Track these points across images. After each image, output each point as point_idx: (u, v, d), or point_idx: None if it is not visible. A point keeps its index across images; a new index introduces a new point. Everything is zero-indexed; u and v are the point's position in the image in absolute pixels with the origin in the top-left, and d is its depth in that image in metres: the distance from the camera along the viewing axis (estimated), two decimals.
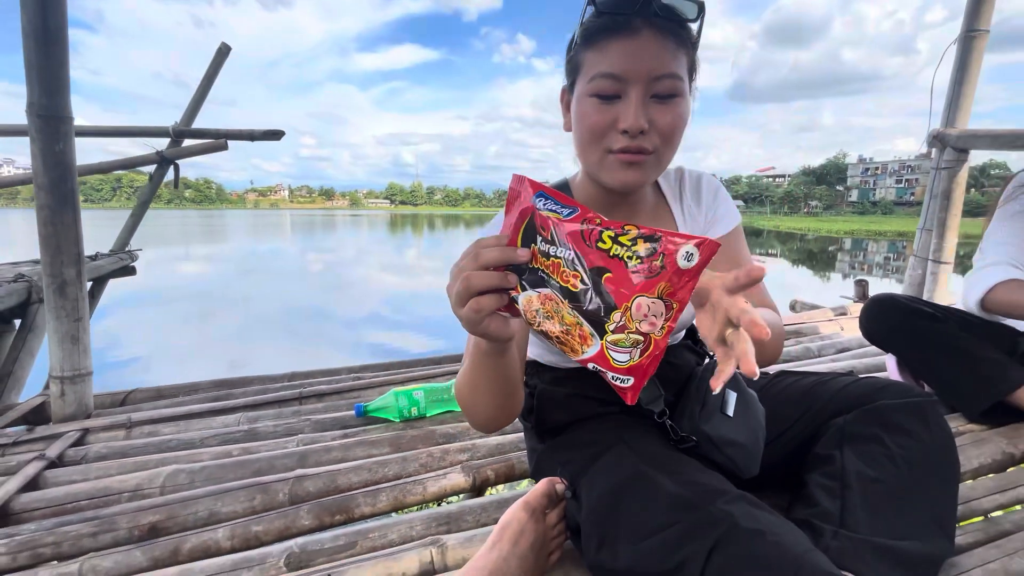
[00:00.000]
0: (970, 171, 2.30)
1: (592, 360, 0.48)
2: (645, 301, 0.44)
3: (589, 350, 0.48)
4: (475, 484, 1.08)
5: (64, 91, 1.33)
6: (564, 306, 0.47)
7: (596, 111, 0.66)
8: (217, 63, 3.30)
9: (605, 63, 0.64)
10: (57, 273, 1.37)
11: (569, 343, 0.49)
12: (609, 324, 0.46)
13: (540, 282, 0.48)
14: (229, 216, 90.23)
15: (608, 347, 0.47)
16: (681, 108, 0.66)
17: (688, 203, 0.83)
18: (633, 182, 0.68)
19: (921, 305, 1.27)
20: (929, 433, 0.72)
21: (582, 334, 0.48)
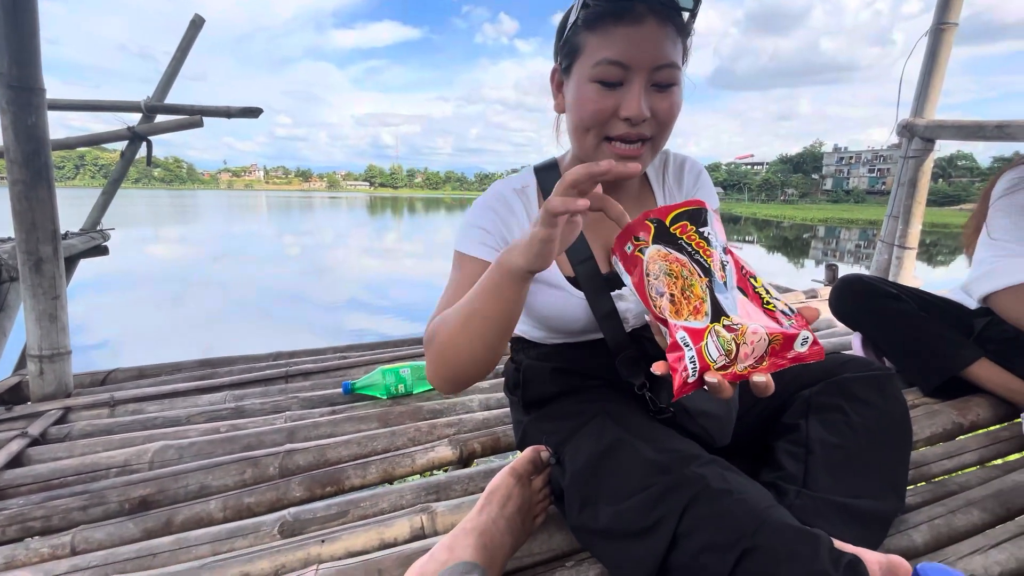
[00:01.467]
0: (938, 161, 2.39)
1: (687, 330, 0.49)
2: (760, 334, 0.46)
3: (694, 322, 0.49)
4: (462, 456, 1.12)
5: (35, 61, 1.29)
6: (699, 279, 0.50)
7: (599, 97, 0.66)
8: (190, 35, 3.19)
9: (610, 49, 0.64)
10: (33, 250, 1.34)
11: (679, 303, 0.51)
12: (725, 319, 0.48)
13: (680, 249, 0.52)
14: (202, 196, 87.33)
15: (711, 332, 0.48)
16: (678, 97, 0.68)
17: (670, 185, 0.84)
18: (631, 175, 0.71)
19: (885, 286, 1.35)
20: (886, 403, 0.78)
21: (698, 307, 0.49)
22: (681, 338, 0.48)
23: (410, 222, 33.22)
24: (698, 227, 0.52)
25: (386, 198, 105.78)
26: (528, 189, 0.82)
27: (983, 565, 0.72)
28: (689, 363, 0.47)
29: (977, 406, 1.20)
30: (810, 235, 25.50)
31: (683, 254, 0.52)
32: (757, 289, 0.49)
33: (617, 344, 0.81)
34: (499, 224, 0.78)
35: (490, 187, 0.84)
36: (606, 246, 0.82)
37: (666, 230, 0.53)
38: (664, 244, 0.53)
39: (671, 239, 0.53)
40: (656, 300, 0.53)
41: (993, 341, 1.22)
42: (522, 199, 0.81)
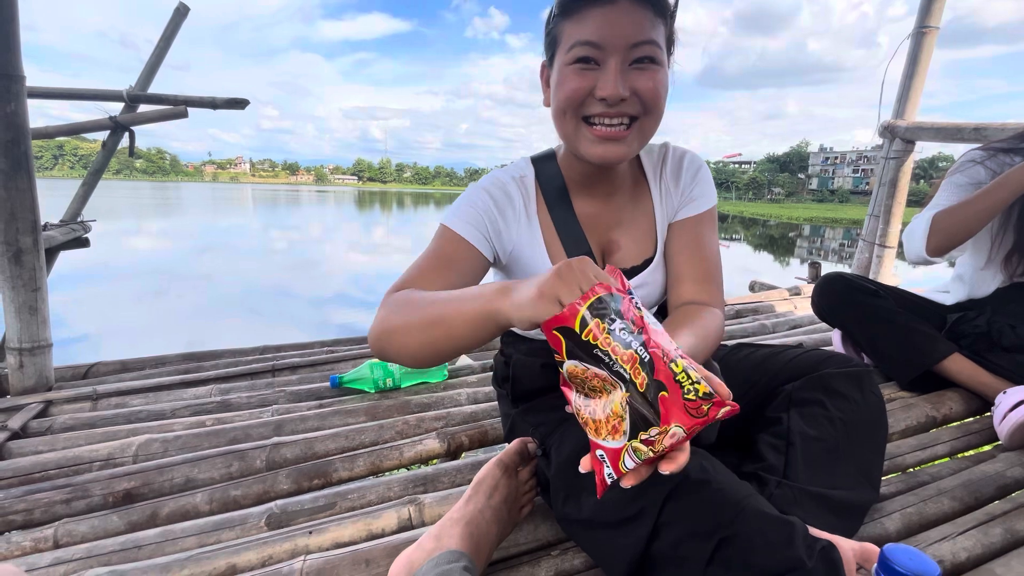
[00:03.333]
0: (919, 163, 2.45)
1: (605, 450, 0.49)
2: (678, 435, 0.45)
3: (611, 442, 0.48)
4: (450, 449, 1.13)
5: (15, 48, 1.26)
6: (619, 395, 0.47)
7: (575, 77, 0.66)
8: (174, 24, 3.12)
9: (583, 31, 0.64)
10: (12, 241, 1.32)
11: (597, 424, 0.49)
12: (643, 434, 0.46)
13: (597, 361, 0.47)
14: (185, 189, 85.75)
15: (628, 450, 0.47)
16: (661, 76, 0.66)
17: (666, 181, 0.83)
18: (612, 156, 0.69)
19: (865, 283, 1.38)
20: (864, 398, 0.80)
21: (617, 426, 0.48)
22: (599, 455, 0.50)
23: (398, 217, 33.00)
24: (611, 324, 0.46)
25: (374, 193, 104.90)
26: (526, 179, 0.82)
27: (951, 551, 0.75)
28: (607, 476, 0.50)
29: (950, 400, 1.24)
30: (795, 234, 25.87)
31: (601, 367, 0.47)
32: (677, 377, 0.46)
33: None
34: (493, 209, 0.77)
35: (489, 174, 0.83)
36: (602, 240, 0.82)
37: (578, 340, 0.47)
38: (580, 358, 0.48)
39: (586, 349, 0.47)
40: (580, 410, 0.51)
41: (966, 336, 1.26)
42: (520, 188, 0.81)
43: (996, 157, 1.25)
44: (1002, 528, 0.79)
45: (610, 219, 0.82)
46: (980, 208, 1.14)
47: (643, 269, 0.83)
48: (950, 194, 1.25)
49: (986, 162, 1.25)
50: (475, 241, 0.75)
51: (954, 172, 1.28)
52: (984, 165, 1.24)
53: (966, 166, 1.27)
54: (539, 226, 0.80)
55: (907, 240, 1.28)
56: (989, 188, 1.13)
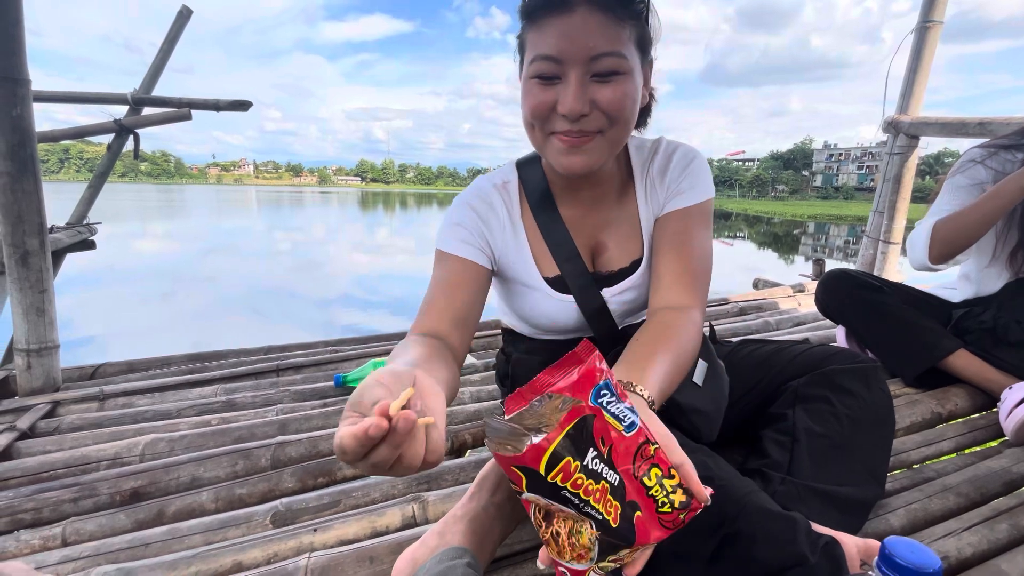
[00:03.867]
0: (925, 159, 2.44)
1: (568, 570, 0.47)
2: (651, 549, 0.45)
3: (576, 565, 0.46)
4: (453, 447, 1.13)
5: (20, 52, 1.27)
6: (588, 529, 0.44)
7: (536, 92, 0.64)
8: (178, 26, 3.14)
9: (543, 44, 0.62)
10: (19, 243, 1.33)
11: (561, 547, 0.46)
12: (612, 555, 0.45)
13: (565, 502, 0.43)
14: (190, 191, 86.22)
15: (593, 570, 0.46)
16: (626, 86, 0.63)
17: (652, 179, 0.79)
18: (579, 167, 0.67)
19: (869, 279, 1.37)
20: (870, 395, 0.80)
21: (583, 554, 0.45)
22: (562, 572, 0.47)
23: (402, 217, 33.06)
24: (584, 458, 0.41)
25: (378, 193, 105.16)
26: (509, 185, 0.82)
27: (956, 547, 0.75)
28: None
29: (956, 396, 1.23)
30: (800, 231, 25.75)
31: (569, 507, 0.43)
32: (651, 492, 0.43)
33: (606, 337, 0.82)
34: (478, 222, 0.78)
35: (472, 182, 0.83)
36: (589, 242, 0.81)
37: (542, 481, 0.41)
38: (543, 495, 0.43)
39: (552, 491, 0.42)
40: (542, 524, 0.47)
41: (971, 332, 1.26)
42: (503, 195, 0.80)
43: (997, 155, 1.24)
44: (1008, 524, 0.78)
45: (597, 221, 0.80)
46: (977, 217, 1.13)
47: (632, 272, 0.81)
48: (952, 197, 1.24)
49: (986, 161, 1.24)
50: (472, 256, 0.76)
51: (955, 173, 1.28)
52: (984, 164, 1.24)
53: (966, 166, 1.26)
54: (524, 232, 0.80)
55: (910, 248, 1.28)
56: (985, 198, 1.13)
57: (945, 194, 1.27)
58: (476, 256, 0.76)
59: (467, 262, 0.76)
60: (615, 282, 0.81)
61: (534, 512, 0.47)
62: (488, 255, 0.78)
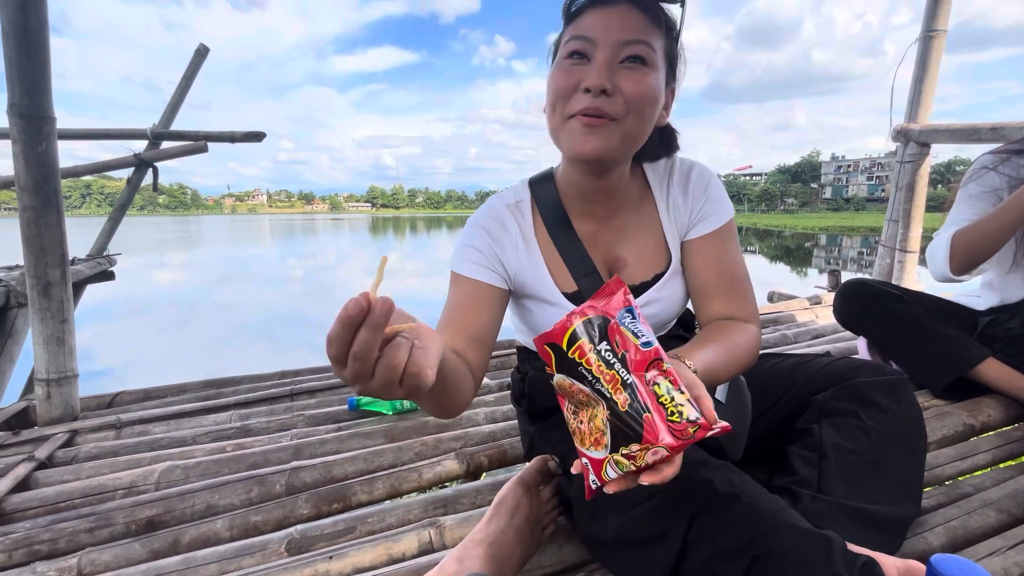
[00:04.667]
0: (936, 167, 2.42)
1: (588, 459, 0.52)
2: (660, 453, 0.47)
3: (594, 452, 0.51)
4: (469, 470, 1.11)
5: (46, 91, 1.32)
6: (601, 411, 0.50)
7: (564, 73, 0.66)
8: (195, 65, 3.27)
9: (579, 27, 0.66)
10: (42, 274, 1.36)
11: (582, 434, 0.53)
12: (624, 448, 0.49)
13: (581, 378, 0.50)
14: (206, 222, 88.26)
15: (609, 462, 0.50)
16: (649, 78, 0.65)
17: (674, 196, 0.81)
18: (591, 150, 0.66)
19: (889, 288, 1.35)
20: (900, 408, 0.77)
21: (598, 439, 0.51)
22: (584, 463, 0.53)
23: (411, 241, 33.41)
24: (596, 344, 0.49)
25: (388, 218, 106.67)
26: (522, 204, 0.82)
27: (1002, 567, 0.71)
28: (592, 483, 0.52)
29: (988, 407, 1.19)
30: (812, 244, 25.50)
31: (585, 384, 0.50)
32: (660, 400, 0.48)
33: None
34: (491, 243, 0.78)
35: (485, 203, 0.83)
36: (607, 257, 0.81)
37: (564, 356, 0.50)
38: (567, 374, 0.51)
39: (571, 367, 0.50)
40: (569, 419, 0.54)
41: (998, 340, 1.22)
42: (515, 215, 0.81)
43: (1010, 160, 1.21)
44: None
45: (613, 236, 0.81)
46: (995, 228, 1.11)
47: (652, 284, 0.81)
48: (967, 206, 1.22)
49: (999, 168, 1.21)
50: (487, 279, 0.76)
51: (967, 181, 1.26)
52: (997, 171, 1.21)
53: (979, 173, 1.24)
54: (539, 249, 0.80)
55: (930, 260, 1.25)
56: (1001, 209, 1.11)
57: (960, 203, 1.25)
58: (490, 278, 0.76)
59: (481, 284, 0.76)
60: (636, 296, 0.80)
61: (567, 408, 0.54)
62: (503, 275, 0.78)
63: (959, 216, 1.23)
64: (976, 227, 1.14)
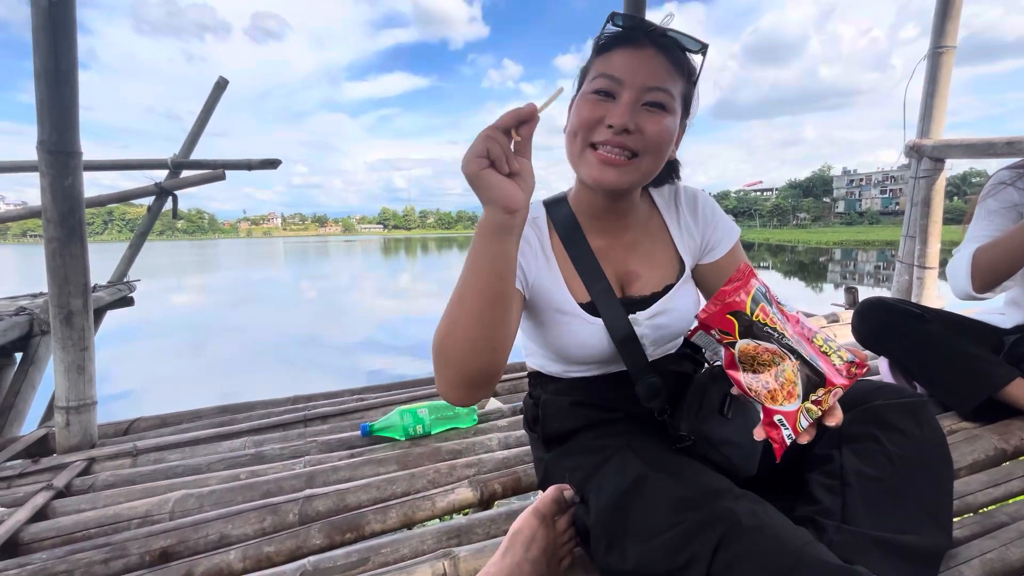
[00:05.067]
0: (951, 179, 2.39)
1: (783, 414, 0.58)
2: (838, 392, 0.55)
3: (788, 405, 0.58)
4: (483, 498, 1.10)
5: (74, 127, 1.38)
6: (790, 364, 0.57)
7: (591, 106, 0.71)
8: (215, 96, 3.38)
9: (608, 66, 0.71)
10: (64, 304, 1.39)
11: (774, 392, 0.59)
12: (812, 395, 0.56)
13: (766, 337, 0.59)
14: (222, 245, 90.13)
15: (802, 411, 0.57)
16: (668, 122, 0.71)
17: (685, 219, 0.87)
18: (608, 181, 0.72)
19: (909, 307, 1.32)
20: (922, 432, 0.75)
21: (791, 391, 0.57)
22: (778, 420, 0.58)
23: (423, 262, 33.70)
24: (771, 306, 0.59)
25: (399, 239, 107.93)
26: (539, 219, 0.85)
27: None
28: (787, 438, 0.58)
29: (1020, 429, 1.15)
30: (826, 258, 25.18)
31: (772, 342, 0.58)
32: (823, 348, 0.56)
33: (637, 369, 0.80)
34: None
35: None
36: (618, 271, 0.83)
37: (749, 320, 0.59)
38: (752, 337, 0.59)
39: (756, 329, 0.59)
40: (751, 385, 0.60)
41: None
42: (534, 228, 0.84)
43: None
44: None
45: (624, 250, 0.84)
46: (1016, 245, 1.10)
47: (663, 295, 0.83)
48: (987, 223, 1.21)
49: (1017, 183, 1.21)
50: None
51: (985, 197, 1.25)
52: (1015, 186, 1.21)
53: (996, 189, 1.23)
54: (556, 261, 0.83)
55: (951, 278, 1.24)
56: (1022, 226, 1.09)
57: (979, 219, 1.24)
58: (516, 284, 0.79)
59: None
60: (647, 305, 0.82)
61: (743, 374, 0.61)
62: (522, 280, 0.81)
63: (979, 232, 1.21)
64: (998, 244, 1.12)
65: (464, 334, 0.63)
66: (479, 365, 0.64)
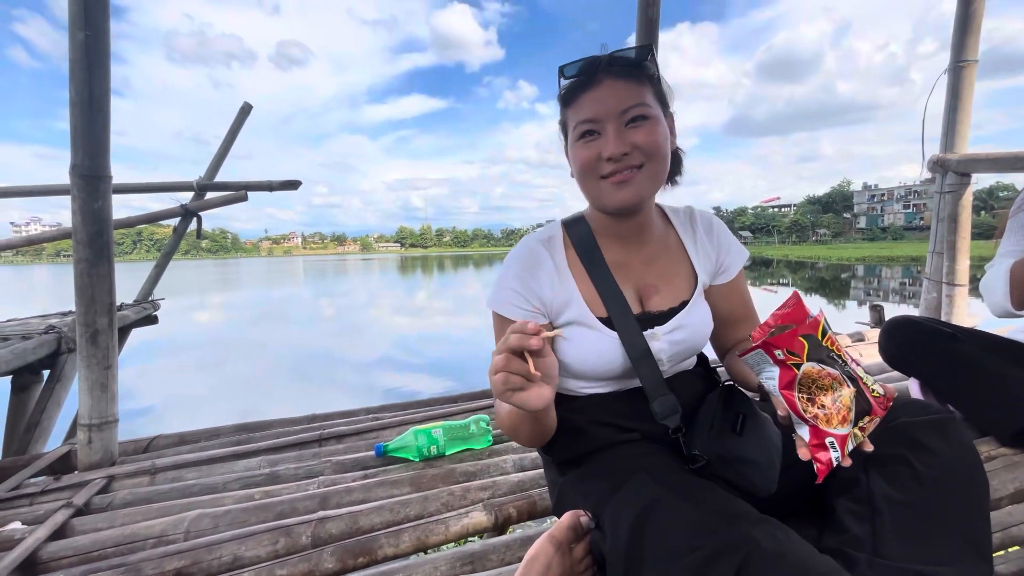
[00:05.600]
0: (977, 193, 2.33)
1: (835, 437, 0.61)
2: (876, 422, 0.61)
3: (840, 429, 0.61)
4: (497, 522, 1.07)
5: (105, 153, 1.43)
6: (847, 390, 0.62)
7: (583, 150, 0.76)
8: (239, 121, 3.50)
9: (582, 112, 0.76)
10: (91, 322, 1.43)
11: (829, 415, 0.61)
12: (860, 422, 0.61)
13: (832, 363, 0.62)
14: (244, 264, 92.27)
15: (852, 436, 0.61)
16: (654, 126, 0.75)
17: (702, 239, 0.89)
18: (630, 199, 0.76)
19: (940, 325, 1.27)
20: (951, 450, 0.71)
21: (845, 416, 0.61)
22: (830, 442, 0.61)
23: (439, 280, 33.95)
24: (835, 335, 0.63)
25: (416, 258, 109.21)
26: (554, 239, 0.86)
27: None
28: (834, 460, 0.61)
29: None
30: (848, 275, 24.62)
31: (835, 367, 0.62)
32: (864, 380, 0.61)
33: (653, 386, 0.79)
34: (528, 279, 0.82)
35: (520, 241, 0.89)
36: (635, 287, 0.84)
37: (819, 345, 0.62)
38: (817, 361, 0.62)
39: (824, 354, 0.62)
40: (807, 407, 0.62)
41: None
42: (548, 249, 0.85)
43: None
44: None
45: (642, 266, 0.86)
46: None
47: (680, 310, 0.84)
48: (1020, 237, 1.18)
49: None
50: (526, 316, 0.80)
51: (1016, 212, 1.22)
52: None
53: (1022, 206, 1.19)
54: (572, 278, 0.84)
55: (987, 293, 1.19)
56: None
57: (1011, 234, 1.20)
58: (529, 315, 0.81)
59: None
60: (665, 320, 0.83)
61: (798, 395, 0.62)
62: (541, 311, 0.82)
63: (1013, 247, 1.18)
64: None
65: (530, 439, 0.79)
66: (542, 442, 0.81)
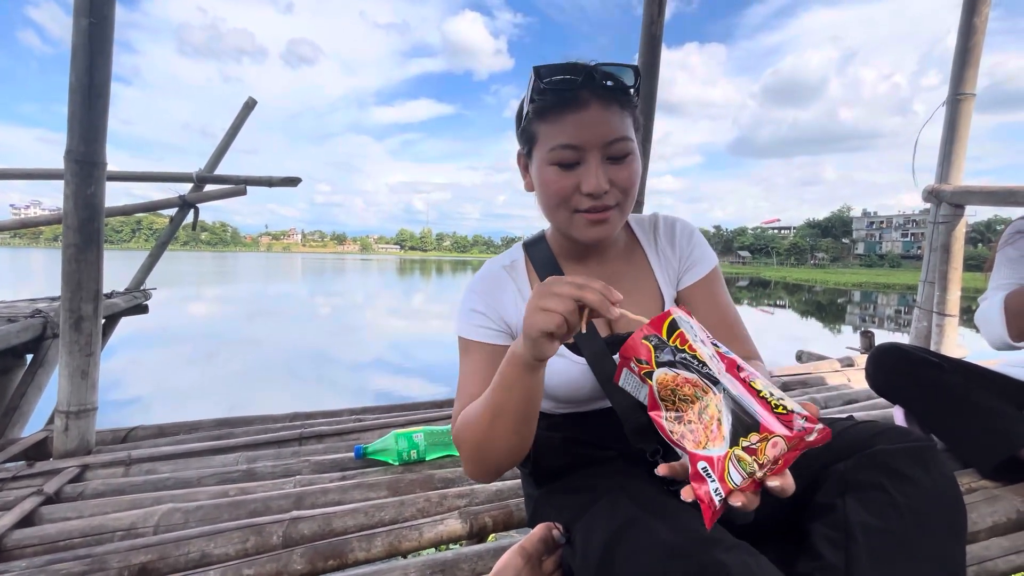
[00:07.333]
0: (975, 226, 2.34)
1: (708, 460, 0.48)
2: (780, 445, 0.44)
3: (713, 449, 0.48)
4: (472, 531, 1.06)
5: (101, 139, 1.43)
6: (713, 398, 0.49)
7: (559, 178, 0.71)
8: (243, 115, 3.51)
9: (562, 135, 0.69)
10: (75, 308, 1.42)
11: (696, 431, 0.50)
12: (744, 440, 0.46)
13: (686, 366, 0.51)
14: (241, 258, 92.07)
15: (731, 459, 0.46)
16: (634, 165, 0.72)
17: (663, 247, 0.86)
18: (603, 236, 0.74)
19: (927, 355, 1.27)
20: (931, 479, 0.70)
21: (716, 430, 0.48)
22: (702, 468, 0.48)
23: (436, 283, 33.91)
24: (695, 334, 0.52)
25: (415, 260, 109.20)
26: (516, 263, 0.85)
27: None
28: (714, 494, 0.47)
29: None
30: (844, 299, 24.73)
31: (691, 371, 0.50)
32: (761, 394, 0.46)
33: (625, 410, 0.78)
34: (492, 304, 0.80)
35: (481, 267, 0.87)
36: None
37: (665, 346, 0.52)
38: (669, 366, 0.52)
39: (673, 357, 0.51)
40: (674, 428, 0.52)
41: None
42: (511, 274, 0.83)
43: None
44: None
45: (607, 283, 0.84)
46: None
47: None
48: (1009, 271, 1.19)
49: None
50: (498, 340, 0.78)
51: (1004, 246, 1.23)
52: None
53: (1014, 238, 1.21)
54: None
55: (983, 325, 1.19)
56: None
57: (1001, 267, 1.20)
58: (498, 339, 0.78)
59: (494, 347, 0.77)
60: None
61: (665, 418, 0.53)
62: (508, 334, 0.79)
63: (1003, 280, 1.18)
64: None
65: (503, 443, 0.67)
66: (513, 461, 0.71)
